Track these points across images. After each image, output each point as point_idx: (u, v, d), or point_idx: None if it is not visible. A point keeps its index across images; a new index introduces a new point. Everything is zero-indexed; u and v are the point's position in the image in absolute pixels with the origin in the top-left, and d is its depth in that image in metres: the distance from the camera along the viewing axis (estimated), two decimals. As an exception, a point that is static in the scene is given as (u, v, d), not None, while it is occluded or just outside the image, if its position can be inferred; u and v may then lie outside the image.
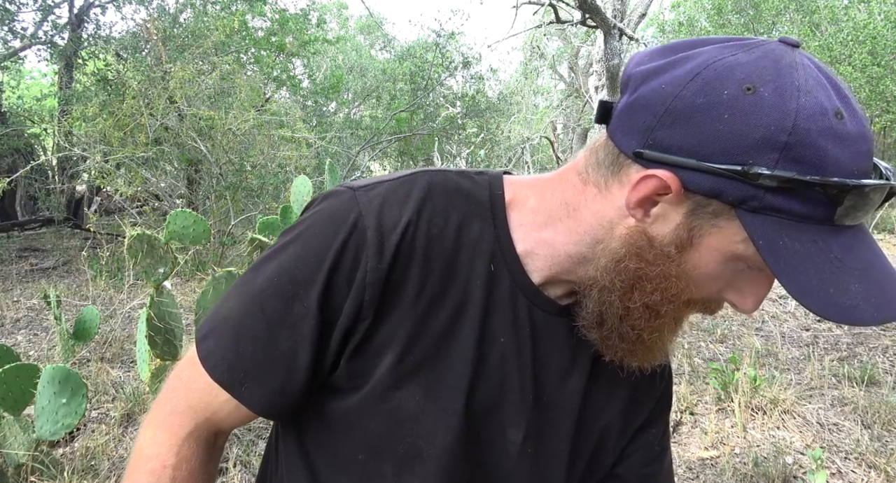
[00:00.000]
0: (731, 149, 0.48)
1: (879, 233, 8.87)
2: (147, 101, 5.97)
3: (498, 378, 0.62)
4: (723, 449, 2.57)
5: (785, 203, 0.49)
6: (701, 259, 0.54)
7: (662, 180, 0.51)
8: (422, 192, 0.61)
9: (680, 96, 0.50)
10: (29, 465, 2.10)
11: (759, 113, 0.48)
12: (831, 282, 0.49)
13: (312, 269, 0.58)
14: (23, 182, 8.43)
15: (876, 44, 8.56)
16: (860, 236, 0.52)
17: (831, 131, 0.48)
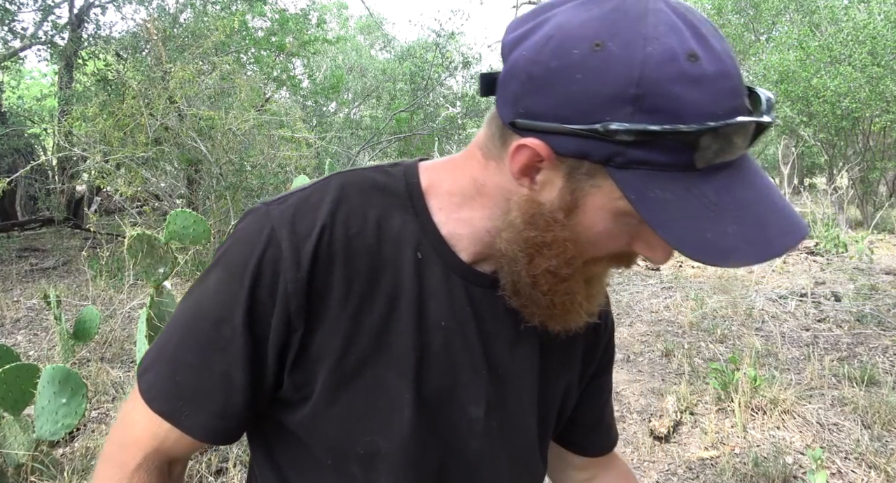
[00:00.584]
0: (587, 109, 0.48)
1: (879, 233, 8.88)
2: (147, 101, 5.97)
3: (446, 361, 0.63)
4: (723, 449, 2.57)
5: (647, 155, 0.48)
6: (590, 219, 0.54)
7: (533, 148, 0.51)
8: (335, 194, 0.61)
9: (537, 61, 0.50)
10: (29, 465, 2.10)
11: (608, 69, 0.47)
12: (708, 227, 0.49)
13: (234, 291, 0.58)
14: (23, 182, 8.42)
15: (876, 44, 8.55)
16: (738, 174, 0.50)
17: (683, 76, 0.46)
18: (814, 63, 9.24)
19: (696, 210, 0.49)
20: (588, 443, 0.83)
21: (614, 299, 5.17)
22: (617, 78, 0.47)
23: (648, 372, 3.52)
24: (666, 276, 6.14)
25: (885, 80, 8.40)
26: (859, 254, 6.59)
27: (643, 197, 0.49)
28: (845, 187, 10.33)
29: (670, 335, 4.16)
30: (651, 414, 2.92)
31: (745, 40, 13.12)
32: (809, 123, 9.94)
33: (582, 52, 0.48)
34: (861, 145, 10.12)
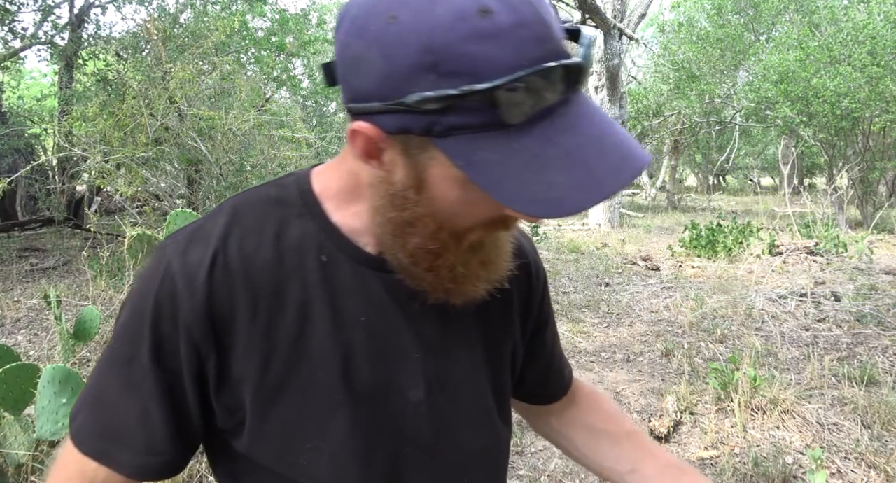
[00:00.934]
0: (395, 83, 0.47)
1: (879, 233, 8.88)
2: (147, 101, 5.97)
3: (375, 354, 0.63)
4: (723, 449, 2.57)
5: (461, 119, 0.47)
6: (440, 191, 0.54)
7: (360, 131, 0.51)
8: (226, 218, 0.62)
9: (348, 43, 0.50)
10: (29, 465, 2.10)
11: (403, 40, 0.46)
12: (535, 180, 0.48)
13: (138, 329, 0.60)
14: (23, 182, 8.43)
15: (876, 44, 8.55)
16: (562, 121, 0.49)
17: (475, 33, 0.45)
18: (814, 63, 9.24)
19: (521, 165, 0.48)
20: (544, 393, 0.86)
21: (614, 299, 5.17)
22: (412, 47, 0.46)
23: (648, 372, 3.53)
24: (666, 276, 6.15)
25: (885, 80, 8.40)
26: (859, 254, 6.59)
27: (470, 161, 0.49)
28: (845, 187, 10.33)
29: (670, 335, 4.16)
30: (651, 414, 2.92)
31: (745, 40, 13.12)
32: (809, 123, 9.94)
33: (379, 27, 0.48)
34: (861, 145, 10.12)
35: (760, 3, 12.53)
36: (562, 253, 7.78)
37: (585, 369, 3.58)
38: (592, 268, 6.64)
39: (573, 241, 8.64)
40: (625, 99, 10.80)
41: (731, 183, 25.37)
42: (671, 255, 7.36)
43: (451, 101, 0.46)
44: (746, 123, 14.14)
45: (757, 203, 15.78)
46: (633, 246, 8.40)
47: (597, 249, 8.01)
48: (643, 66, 19.81)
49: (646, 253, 7.61)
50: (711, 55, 12.89)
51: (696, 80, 12.84)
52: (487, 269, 0.62)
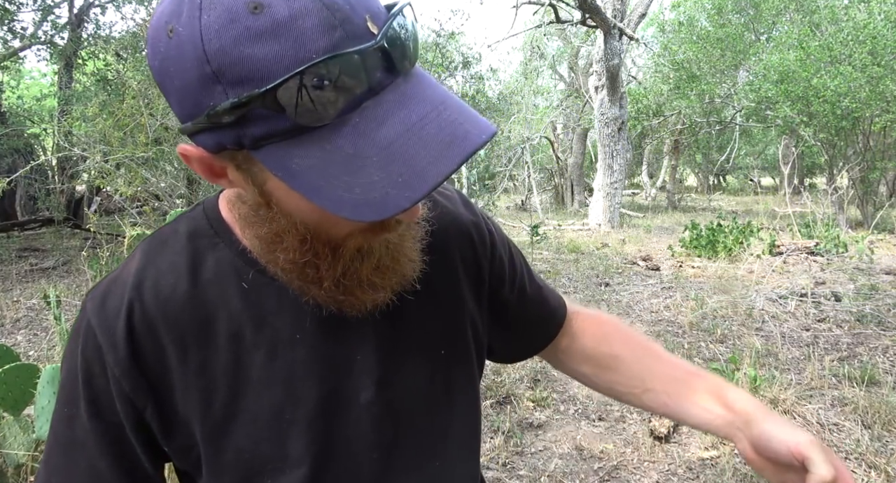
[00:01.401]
0: (192, 100, 0.44)
1: (880, 233, 8.88)
2: (147, 101, 5.97)
3: (317, 368, 0.61)
4: (723, 449, 2.57)
5: (261, 129, 0.44)
6: (290, 203, 0.51)
7: (186, 154, 0.49)
8: (139, 264, 0.61)
9: (152, 67, 0.47)
10: (29, 466, 2.10)
11: (183, 53, 0.43)
12: (354, 181, 0.43)
13: (72, 389, 0.59)
14: (23, 182, 8.43)
15: (876, 44, 8.55)
16: (374, 114, 0.44)
17: (249, 33, 0.41)
18: (814, 63, 9.24)
19: (338, 167, 0.44)
20: (533, 341, 0.84)
21: (614, 299, 5.17)
22: (192, 59, 0.43)
23: (648, 372, 3.53)
24: (666, 276, 6.14)
25: (886, 79, 8.40)
26: (859, 254, 6.59)
27: (288, 170, 0.44)
28: (845, 187, 10.33)
29: (670, 335, 4.16)
30: (651, 414, 2.92)
31: (746, 40, 13.12)
32: (809, 123, 9.94)
33: (164, 44, 0.44)
34: (861, 145, 10.12)
35: (761, 2, 12.53)
36: (562, 253, 7.78)
37: (585, 369, 3.58)
38: (592, 268, 6.64)
39: (573, 241, 8.64)
40: (625, 99, 10.80)
41: (731, 183, 25.36)
42: (671, 255, 7.35)
43: (240, 112, 0.43)
44: (747, 123, 14.14)
45: (757, 203, 15.78)
46: (633, 246, 8.40)
47: (597, 249, 8.01)
48: (643, 65, 19.81)
49: (646, 253, 7.60)
50: (711, 55, 12.89)
51: (696, 80, 12.84)
52: (384, 274, 0.58)
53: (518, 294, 0.79)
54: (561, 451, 2.60)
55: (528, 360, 3.54)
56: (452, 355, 0.70)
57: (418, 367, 0.67)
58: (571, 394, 3.19)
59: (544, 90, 18.18)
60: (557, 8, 10.43)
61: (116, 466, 0.60)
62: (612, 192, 10.73)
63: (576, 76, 17.30)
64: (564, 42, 17.74)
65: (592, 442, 2.68)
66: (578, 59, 17.56)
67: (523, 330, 0.83)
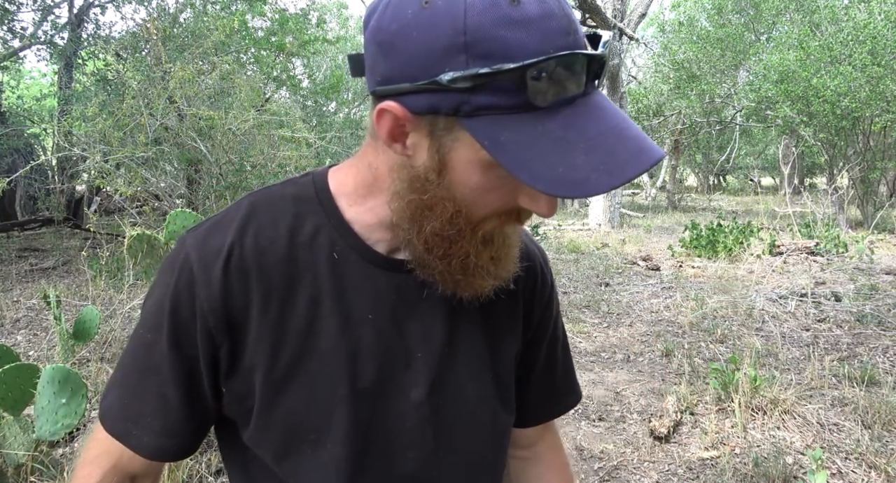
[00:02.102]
0: (428, 63, 0.50)
1: (880, 233, 8.88)
2: (147, 101, 5.97)
3: (381, 352, 0.64)
4: (723, 449, 2.57)
5: (489, 99, 0.49)
6: (461, 176, 0.55)
7: (390, 110, 0.53)
8: (244, 212, 0.65)
9: (381, 29, 0.53)
10: (29, 465, 2.10)
11: (437, 22, 0.49)
12: (558, 161, 0.49)
13: (158, 317, 0.63)
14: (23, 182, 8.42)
15: (876, 44, 8.55)
16: (584, 110, 0.52)
17: (507, 19, 0.48)
18: (814, 63, 9.23)
19: (545, 146, 0.50)
20: (545, 411, 0.83)
21: (614, 299, 5.17)
22: (446, 29, 0.49)
23: (648, 372, 3.52)
24: (666, 277, 6.14)
25: (886, 79, 8.40)
26: (859, 254, 6.59)
27: (495, 141, 0.50)
28: (845, 187, 10.33)
29: (670, 335, 4.16)
30: (651, 414, 2.92)
31: (745, 40, 13.11)
32: (809, 123, 9.94)
33: (414, 11, 0.50)
34: (861, 145, 10.12)
35: (761, 2, 12.52)
36: (562, 253, 7.77)
37: (585, 369, 3.57)
38: (592, 268, 6.64)
39: (573, 241, 8.64)
40: (625, 99, 10.80)
41: (731, 183, 25.36)
42: (671, 255, 7.35)
43: (481, 80, 0.48)
44: (747, 123, 14.14)
45: (757, 203, 15.78)
46: (633, 246, 8.40)
47: (597, 249, 8.01)
48: (643, 65, 19.80)
49: (646, 253, 7.60)
50: (712, 55, 12.88)
51: (696, 80, 12.84)
52: (497, 264, 0.62)
53: (542, 358, 0.80)
54: None
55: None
56: (500, 381, 0.72)
57: (470, 380, 0.69)
58: (571, 394, 3.19)
59: (544, 90, 18.13)
60: (557, 8, 10.43)
61: (184, 396, 0.64)
62: (612, 191, 10.73)
63: (576, 76, 17.26)
64: (564, 42, 17.70)
65: (592, 442, 2.68)
66: (578, 59, 17.51)
67: (534, 395, 0.81)
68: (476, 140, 0.51)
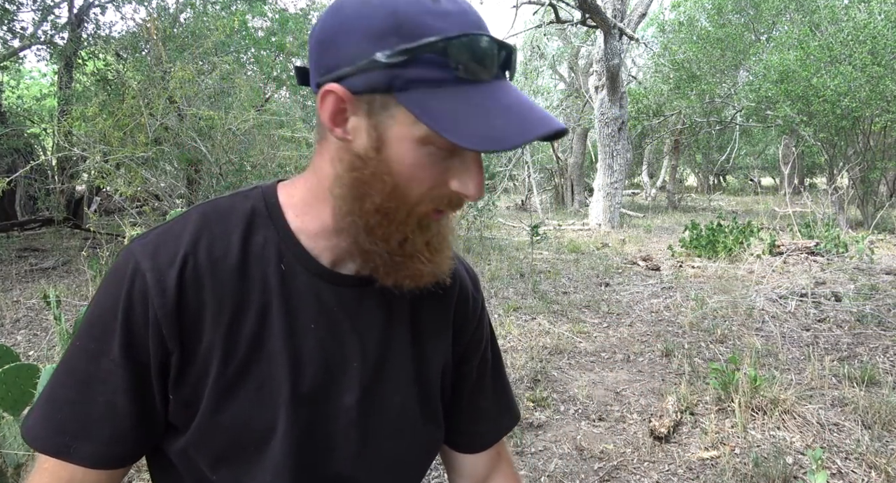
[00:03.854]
0: (363, 46, 0.58)
1: (880, 233, 8.87)
2: (147, 101, 5.97)
3: (321, 360, 0.69)
4: (723, 449, 2.57)
5: (418, 73, 0.57)
6: (398, 152, 0.61)
7: (332, 91, 0.60)
8: (196, 224, 0.67)
9: (324, 29, 0.61)
10: (29, 466, 2.10)
11: (372, 14, 0.58)
12: (480, 123, 0.57)
13: (109, 326, 0.64)
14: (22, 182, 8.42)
15: (876, 43, 8.54)
16: (499, 86, 0.60)
17: (429, 10, 0.58)
18: (814, 63, 9.23)
19: (468, 112, 0.57)
20: (452, 436, 0.85)
21: (614, 299, 5.17)
22: (380, 18, 0.58)
23: (648, 372, 3.52)
24: (666, 276, 6.14)
25: (886, 79, 8.39)
26: (860, 254, 6.59)
27: (426, 109, 0.57)
28: (846, 187, 10.33)
29: (670, 335, 4.16)
30: (651, 414, 2.92)
31: (745, 40, 13.11)
32: (809, 123, 9.93)
33: (353, 7, 0.60)
34: (861, 145, 10.11)
35: (761, 2, 12.52)
36: (562, 253, 7.77)
37: (586, 369, 3.58)
38: (592, 268, 6.64)
39: (573, 241, 8.64)
40: (625, 99, 10.79)
41: (731, 183, 25.35)
42: (671, 255, 7.35)
43: (410, 54, 0.57)
44: (747, 123, 14.13)
45: (757, 203, 15.78)
46: (633, 246, 8.40)
47: (597, 249, 8.01)
48: (643, 65, 19.80)
49: (646, 253, 7.60)
50: (711, 55, 12.88)
51: (696, 80, 12.84)
52: (432, 252, 0.67)
53: (478, 377, 0.84)
54: (561, 451, 2.60)
55: (528, 361, 3.55)
56: (425, 394, 0.77)
57: (397, 392, 0.74)
58: (571, 394, 3.19)
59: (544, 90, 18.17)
60: (557, 8, 10.43)
61: (134, 405, 0.65)
62: (612, 191, 10.72)
63: (576, 76, 17.29)
64: (564, 42, 17.73)
65: (592, 442, 2.68)
66: (578, 59, 17.54)
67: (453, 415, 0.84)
68: (408, 109, 0.58)
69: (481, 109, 0.58)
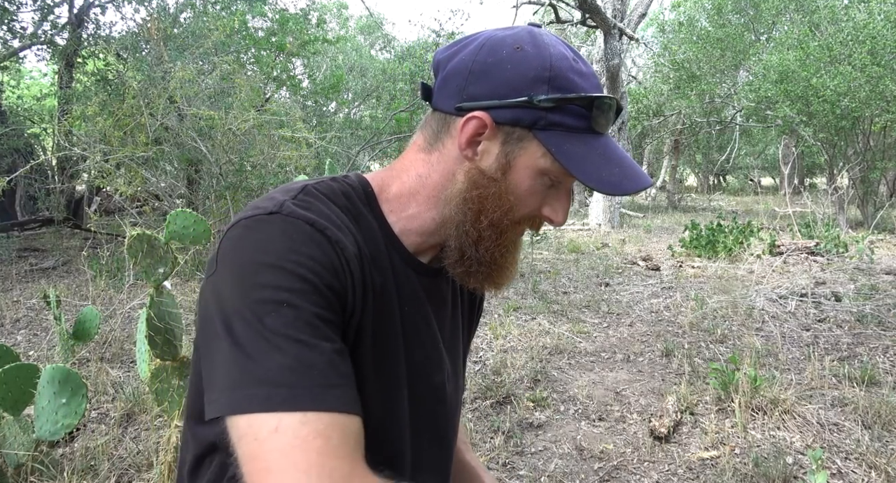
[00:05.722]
0: (517, 87, 0.68)
1: (880, 233, 8.87)
2: (147, 101, 5.97)
3: (416, 339, 0.76)
4: (723, 449, 2.57)
5: (561, 119, 0.69)
6: (519, 177, 0.71)
7: (479, 118, 0.69)
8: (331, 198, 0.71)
9: (476, 61, 0.70)
10: (29, 466, 2.10)
11: (529, 61, 0.69)
12: (603, 169, 0.69)
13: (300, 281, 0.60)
14: (22, 182, 8.42)
15: (876, 44, 8.54)
16: (612, 143, 0.72)
17: (574, 69, 0.70)
18: (814, 63, 9.23)
19: (594, 158, 0.69)
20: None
21: (614, 299, 5.17)
22: (535, 66, 0.68)
23: (648, 372, 3.52)
24: (666, 276, 6.14)
25: (885, 79, 8.39)
26: (860, 254, 6.59)
27: (560, 149, 0.69)
28: (845, 187, 10.33)
29: (670, 335, 4.16)
30: (651, 414, 2.92)
31: (745, 40, 13.11)
32: (809, 123, 9.94)
33: (508, 51, 0.70)
34: (861, 145, 10.11)
35: (760, 2, 12.52)
36: (562, 253, 7.77)
37: (586, 369, 3.58)
38: (592, 268, 6.64)
39: (573, 241, 8.64)
40: (625, 99, 10.79)
41: (731, 183, 25.35)
42: (671, 255, 7.35)
43: (561, 103, 0.68)
44: (746, 123, 14.13)
45: (757, 203, 15.77)
46: (633, 246, 8.40)
47: (597, 249, 8.01)
48: (643, 66, 19.79)
49: (646, 253, 7.60)
50: (711, 55, 12.88)
51: (696, 80, 12.83)
52: (510, 266, 0.77)
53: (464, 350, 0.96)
54: (561, 451, 2.60)
55: (528, 361, 3.55)
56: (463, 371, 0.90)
57: (458, 374, 0.86)
58: (571, 394, 3.19)
59: (544, 90, 18.10)
60: (557, 8, 10.43)
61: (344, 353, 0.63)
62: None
63: (576, 76, 17.25)
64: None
65: (592, 442, 2.68)
66: (578, 59, 17.49)
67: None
68: (544, 146, 0.69)
69: (603, 158, 0.70)
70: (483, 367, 3.53)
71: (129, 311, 4.39)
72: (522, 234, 0.77)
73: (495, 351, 3.79)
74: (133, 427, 2.74)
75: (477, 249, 0.73)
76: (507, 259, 0.75)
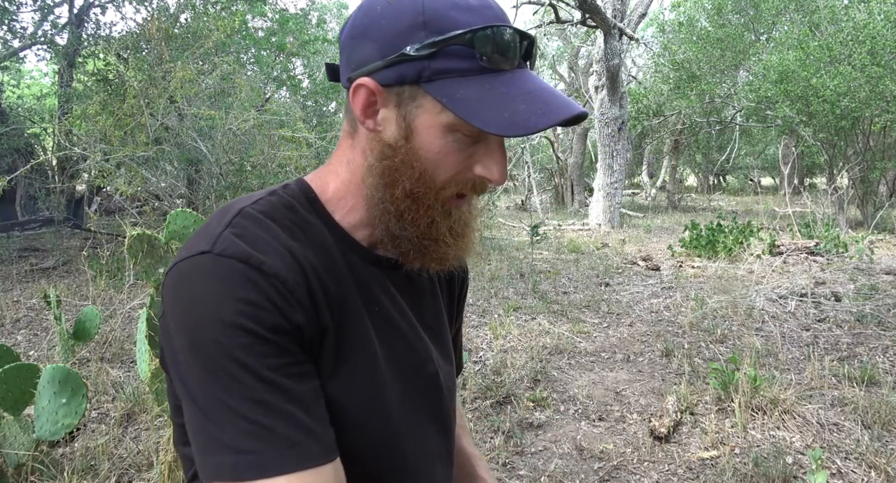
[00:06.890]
0: (394, 42, 0.62)
1: (880, 233, 8.87)
2: (147, 101, 5.97)
3: (398, 335, 0.73)
4: (723, 449, 2.57)
5: (445, 64, 0.61)
6: (425, 140, 0.64)
7: (363, 85, 0.64)
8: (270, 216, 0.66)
9: (355, 26, 0.66)
10: (29, 465, 2.10)
11: (401, 10, 0.62)
12: (504, 109, 0.60)
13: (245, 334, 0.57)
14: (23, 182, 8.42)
15: (876, 44, 8.54)
16: (521, 74, 0.64)
17: (455, 6, 0.62)
18: (814, 63, 9.23)
19: (492, 99, 0.61)
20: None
21: (614, 299, 5.17)
22: (409, 14, 0.62)
23: (648, 372, 3.52)
24: (666, 276, 6.14)
25: (885, 79, 8.39)
26: (859, 254, 6.59)
27: (452, 98, 0.61)
28: (845, 187, 10.33)
29: (670, 335, 4.16)
30: (651, 414, 2.92)
31: (745, 40, 13.11)
32: (809, 123, 9.94)
33: (382, 6, 0.64)
34: (861, 145, 10.12)
35: (760, 2, 12.52)
36: (562, 253, 7.78)
37: (586, 369, 3.58)
38: (592, 268, 6.64)
39: (573, 241, 8.64)
40: (625, 99, 10.79)
41: (731, 183, 25.35)
42: (671, 255, 7.35)
43: (438, 46, 0.60)
44: (746, 123, 14.13)
45: (757, 203, 15.78)
46: (633, 246, 8.40)
47: (597, 249, 8.01)
48: (643, 66, 19.80)
49: (646, 253, 7.60)
50: (711, 55, 12.88)
51: (696, 80, 12.83)
52: (455, 238, 0.70)
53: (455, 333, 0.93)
54: (561, 451, 2.60)
55: (528, 361, 3.55)
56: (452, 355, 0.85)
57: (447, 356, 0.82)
58: (571, 394, 3.19)
59: (544, 90, 18.08)
60: (557, 8, 10.43)
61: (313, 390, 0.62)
62: (612, 191, 10.72)
63: (576, 76, 17.29)
64: (564, 42, 17.74)
65: (592, 442, 2.68)
66: (578, 59, 17.55)
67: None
68: (435, 99, 0.61)
69: (505, 96, 0.61)
70: (483, 367, 3.53)
71: (129, 311, 4.39)
72: (462, 200, 0.69)
73: (495, 351, 3.79)
74: (133, 427, 2.74)
75: (402, 225, 0.67)
76: (438, 230, 0.68)
